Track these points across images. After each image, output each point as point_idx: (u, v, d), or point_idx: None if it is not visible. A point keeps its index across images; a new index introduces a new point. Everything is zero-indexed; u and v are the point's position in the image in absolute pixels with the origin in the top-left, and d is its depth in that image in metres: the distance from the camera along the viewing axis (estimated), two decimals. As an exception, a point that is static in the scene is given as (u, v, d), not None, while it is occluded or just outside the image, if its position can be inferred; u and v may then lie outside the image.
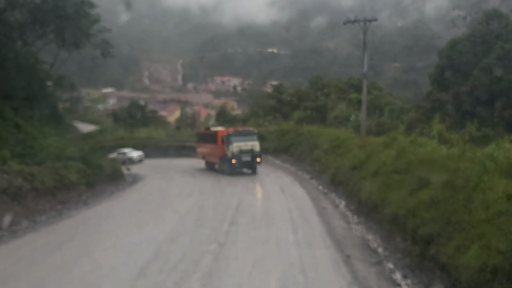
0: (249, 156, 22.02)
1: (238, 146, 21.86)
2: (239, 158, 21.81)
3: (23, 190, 11.99)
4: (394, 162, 13.04)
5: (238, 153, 21.78)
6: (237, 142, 22.08)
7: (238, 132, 23.14)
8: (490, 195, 7.15)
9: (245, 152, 22.01)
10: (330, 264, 7.55)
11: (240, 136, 22.67)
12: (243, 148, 21.94)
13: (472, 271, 5.78)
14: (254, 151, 22.18)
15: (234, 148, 21.80)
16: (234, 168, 22.02)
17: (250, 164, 22.26)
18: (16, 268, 7.18)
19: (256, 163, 22.39)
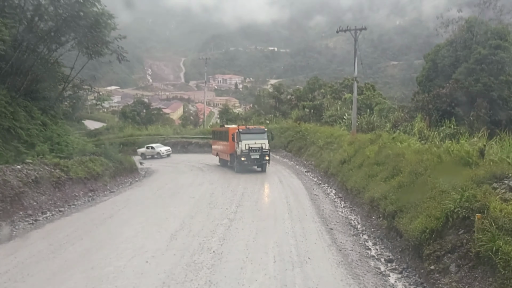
0: (258, 154, 21.94)
1: (247, 144, 21.79)
2: (248, 156, 21.82)
3: (62, 180, 14.08)
4: (375, 155, 15.10)
5: (247, 150, 21.75)
6: (246, 140, 22.02)
7: (248, 130, 23.18)
8: (439, 179, 9.19)
9: (254, 150, 21.95)
10: (315, 233, 9.64)
11: (250, 134, 22.69)
12: (252, 146, 21.86)
13: (417, 233, 7.85)
14: (263, 149, 22.07)
15: (243, 145, 21.76)
16: (243, 165, 22.01)
17: (259, 162, 22.22)
18: (78, 233, 9.26)
19: (265, 161, 22.29)
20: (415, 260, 7.77)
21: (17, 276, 6.57)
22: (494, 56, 22.71)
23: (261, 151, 21.99)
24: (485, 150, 10.00)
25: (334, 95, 33.06)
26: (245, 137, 22.22)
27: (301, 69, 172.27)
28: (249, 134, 22.52)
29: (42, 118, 21.59)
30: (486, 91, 22.10)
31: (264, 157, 22.14)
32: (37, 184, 12.50)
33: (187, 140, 37.17)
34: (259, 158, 22.03)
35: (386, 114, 24.17)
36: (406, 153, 13.06)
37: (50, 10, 19.01)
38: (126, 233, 9.17)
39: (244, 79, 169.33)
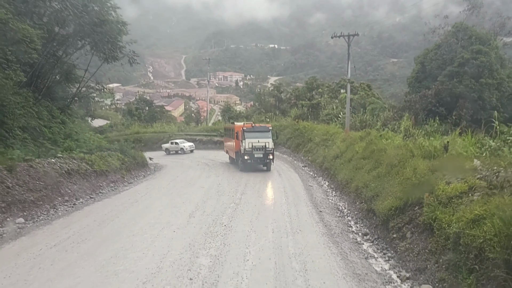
0: (262, 153, 21.83)
1: (250, 142, 21.78)
2: (251, 155, 21.73)
3: (88, 172, 16.22)
4: (363, 151, 17.18)
5: (250, 149, 21.69)
6: (250, 138, 22.01)
7: (252, 128, 22.98)
8: (407, 169, 11.30)
9: (258, 148, 21.82)
10: (307, 214, 11.78)
11: (254, 132, 22.56)
12: (255, 144, 21.78)
13: (386, 211, 9.98)
14: (266, 148, 21.91)
15: (246, 144, 21.77)
16: (246, 164, 21.96)
17: (262, 161, 22.03)
18: (113, 213, 11.39)
19: (268, 160, 22.08)
20: (383, 232, 9.90)
21: (78, 240, 8.71)
22: (475, 60, 24.79)
23: (264, 150, 21.86)
24: (448, 146, 12.09)
25: (331, 95, 35.16)
26: (249, 135, 22.21)
27: (302, 66, 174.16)
28: (253, 133, 22.44)
29: (61, 117, 23.77)
30: (467, 92, 24.20)
31: (267, 156, 21.97)
32: (69, 175, 14.65)
33: (191, 137, 39.26)
34: (262, 157, 21.88)
35: (378, 113, 26.24)
36: (388, 149, 15.15)
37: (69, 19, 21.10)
38: (152, 213, 11.32)
39: (245, 77, 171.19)
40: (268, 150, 21.99)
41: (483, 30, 27.94)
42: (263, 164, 22.42)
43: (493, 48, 26.03)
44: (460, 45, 25.93)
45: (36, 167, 13.22)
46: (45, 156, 15.80)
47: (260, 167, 22.46)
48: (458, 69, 24.89)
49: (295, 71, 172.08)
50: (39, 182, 12.71)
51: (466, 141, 13.07)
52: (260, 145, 21.86)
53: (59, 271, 6.92)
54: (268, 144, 22.05)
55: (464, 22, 28.09)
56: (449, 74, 25.03)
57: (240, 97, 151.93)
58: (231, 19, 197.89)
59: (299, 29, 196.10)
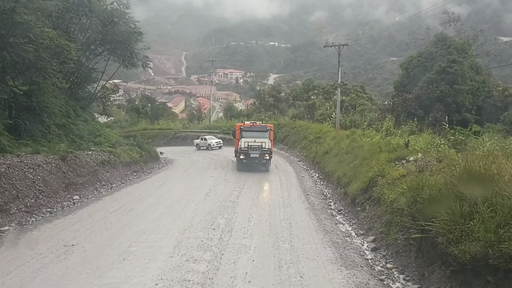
0: (258, 153, 21.78)
1: (246, 142, 21.92)
2: (247, 154, 21.80)
3: (116, 162, 19.64)
4: (347, 147, 20.65)
5: (246, 149, 21.77)
6: (246, 137, 22.18)
7: (249, 127, 23.20)
8: (375, 161, 14.73)
9: (254, 148, 21.81)
10: (297, 196, 15.23)
11: (251, 131, 22.68)
12: (251, 144, 21.81)
13: (354, 191, 13.43)
14: (262, 148, 21.84)
15: (242, 143, 21.96)
16: (242, 163, 22.11)
17: (259, 160, 21.96)
18: (145, 194, 14.79)
19: (265, 160, 21.95)
20: (352, 208, 13.35)
21: (127, 209, 12.15)
22: (450, 68, 28.14)
23: (261, 149, 21.81)
24: (408, 143, 15.52)
25: (326, 96, 38.53)
26: (246, 134, 22.41)
27: (301, 64, 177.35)
28: (250, 132, 22.66)
29: (84, 115, 27.13)
30: (443, 97, 27.59)
31: (264, 156, 21.89)
32: (103, 165, 18.07)
33: (196, 134, 42.66)
34: (258, 157, 21.86)
35: (366, 114, 29.67)
36: (365, 145, 18.62)
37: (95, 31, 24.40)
38: (176, 193, 14.79)
39: (245, 74, 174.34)
40: (264, 150, 21.90)
41: (460, 40, 31.30)
42: (262, 164, 22.27)
43: (470, 57, 29.43)
44: (439, 54, 29.32)
45: (79, 158, 16.65)
46: (81, 149, 19.21)
47: (258, 167, 22.23)
48: (435, 76, 28.31)
49: (295, 68, 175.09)
50: (83, 169, 16.14)
51: (424, 139, 16.50)
52: (257, 144, 21.83)
53: (124, 224, 10.37)
54: (265, 144, 22.00)
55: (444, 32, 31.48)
56: (428, 80, 28.46)
57: (240, 94, 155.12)
58: (231, 16, 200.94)
59: (299, 27, 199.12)
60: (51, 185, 13.26)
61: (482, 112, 29.57)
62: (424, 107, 27.11)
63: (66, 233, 9.36)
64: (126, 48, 25.67)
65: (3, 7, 15.92)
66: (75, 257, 7.72)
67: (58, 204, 12.58)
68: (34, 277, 6.74)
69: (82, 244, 8.51)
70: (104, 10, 23.58)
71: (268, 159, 22.18)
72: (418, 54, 31.58)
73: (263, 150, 21.92)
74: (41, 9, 18.11)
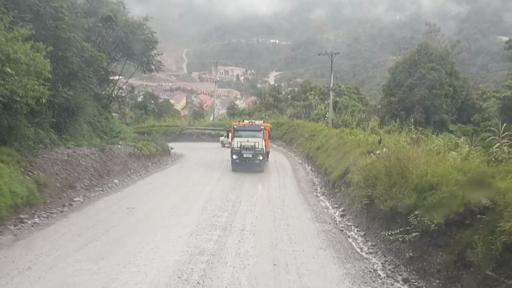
0: (251, 153, 21.66)
1: (239, 142, 21.85)
2: (240, 154, 21.73)
3: (139, 155, 23.66)
4: (335, 143, 24.65)
5: (239, 149, 21.72)
6: (239, 137, 22.14)
7: (243, 127, 23.32)
8: (352, 154, 18.75)
9: (247, 148, 21.70)
10: (290, 183, 19.29)
11: (244, 131, 22.69)
12: (244, 144, 21.68)
13: (334, 178, 17.49)
14: (256, 148, 21.67)
15: (235, 143, 22.01)
16: (235, 164, 22.09)
17: (252, 161, 21.82)
18: (170, 178, 18.77)
19: (258, 161, 21.82)
20: (332, 190, 17.37)
21: (160, 188, 16.23)
22: (429, 75, 32.11)
23: (254, 150, 21.63)
24: (381, 140, 19.51)
25: (321, 97, 42.53)
26: (239, 134, 22.42)
27: (302, 61, 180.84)
28: (243, 131, 22.63)
29: (105, 114, 31.16)
30: (422, 101, 31.59)
31: (257, 156, 21.71)
32: (130, 157, 22.09)
33: (201, 131, 46.69)
34: (251, 157, 21.70)
35: (355, 114, 33.71)
36: (349, 142, 22.65)
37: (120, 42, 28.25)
38: (193, 179, 18.85)
39: (246, 71, 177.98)
40: (257, 151, 21.73)
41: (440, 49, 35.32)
42: (256, 165, 22.06)
43: (448, 64, 33.40)
44: (422, 61, 33.32)
45: (113, 150, 20.68)
46: (110, 143, 23.23)
47: (253, 168, 22.01)
48: (417, 81, 32.30)
49: (295, 66, 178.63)
50: (117, 159, 20.17)
51: (394, 137, 20.52)
52: (250, 144, 21.66)
53: (162, 198, 14.43)
54: (258, 144, 21.80)
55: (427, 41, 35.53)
56: (410, 85, 32.46)
57: (241, 92, 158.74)
58: (232, 13, 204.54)
59: (300, 25, 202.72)
60: (97, 170, 17.30)
61: (462, 113, 33.63)
62: (406, 109, 31.17)
63: (123, 202, 13.39)
64: (143, 55, 29.71)
65: (49, 25, 19.89)
66: (138, 213, 11.77)
67: (105, 185, 16.58)
68: (116, 225, 10.71)
69: (139, 207, 12.55)
70: (126, 22, 27.53)
71: (261, 160, 21.96)
72: (404, 60, 35.63)
73: (257, 150, 21.67)
74: (79, 25, 22.12)
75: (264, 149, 22.38)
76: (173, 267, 7.39)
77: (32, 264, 7.42)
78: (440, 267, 7.28)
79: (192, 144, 42.28)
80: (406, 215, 9.20)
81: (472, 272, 6.44)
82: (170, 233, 9.69)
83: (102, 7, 26.28)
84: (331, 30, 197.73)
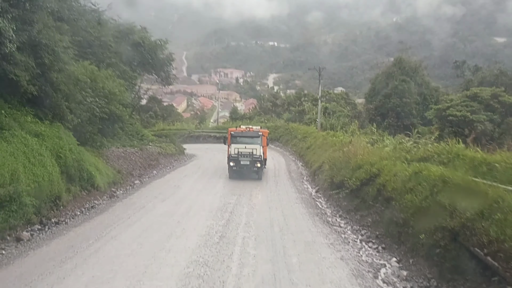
0: (248, 160, 21.78)
1: (236, 148, 21.95)
2: (237, 161, 21.90)
3: (165, 153, 30.67)
4: (320, 143, 31.69)
5: (236, 155, 21.86)
6: (236, 143, 22.30)
7: (240, 133, 23.39)
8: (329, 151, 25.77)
9: (244, 155, 21.81)
10: (284, 174, 26.31)
11: (241, 137, 22.80)
12: (242, 150, 21.82)
13: (314, 168, 24.53)
14: (254, 155, 21.80)
15: (232, 149, 22.12)
16: (232, 171, 22.34)
17: (249, 168, 21.96)
18: (193, 170, 25.67)
19: (256, 168, 21.95)
20: (313, 177, 24.37)
21: (190, 175, 23.22)
22: (400, 86, 39.14)
23: (251, 156, 21.76)
24: (352, 140, 26.47)
25: (313, 103, 49.60)
26: (236, 140, 22.59)
27: (300, 64, 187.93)
28: (241, 138, 22.78)
29: (131, 120, 38.13)
30: (395, 108, 38.62)
31: (255, 163, 21.84)
32: (159, 154, 29.08)
33: (207, 134, 53.65)
34: (249, 164, 21.83)
35: (341, 119, 40.79)
36: (330, 142, 29.69)
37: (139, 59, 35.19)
38: (210, 172, 25.81)
39: (245, 74, 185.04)
40: (255, 157, 21.88)
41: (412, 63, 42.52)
42: (254, 172, 22.33)
43: (419, 76, 40.52)
44: (397, 73, 40.46)
45: (148, 149, 27.68)
46: (142, 145, 30.19)
47: (251, 176, 22.46)
48: (390, 91, 39.41)
49: (294, 68, 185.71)
50: (152, 156, 27.16)
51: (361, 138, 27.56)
52: (247, 151, 21.81)
53: (193, 182, 21.43)
54: (256, 151, 21.93)
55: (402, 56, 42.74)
56: (385, 94, 39.56)
57: (240, 94, 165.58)
58: (231, 16, 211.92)
59: (298, 27, 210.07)
60: (142, 164, 24.30)
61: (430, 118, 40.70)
62: (382, 115, 38.21)
63: (169, 183, 20.37)
64: (162, 70, 36.77)
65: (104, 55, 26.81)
66: (183, 189, 18.77)
67: (148, 174, 23.50)
68: (173, 193, 17.66)
69: (181, 186, 19.54)
70: (150, 45, 34.51)
71: (259, 167, 22.16)
72: (382, 73, 42.78)
73: (254, 157, 21.88)
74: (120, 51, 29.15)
75: (262, 156, 22.44)
76: (217, 205, 14.44)
77: (136, 211, 14.36)
78: (356, 207, 14.27)
79: (200, 145, 49.16)
80: (343, 182, 16.24)
81: (365, 205, 13.45)
82: (209, 196, 16.92)
83: (132, 34, 33.31)
84: (328, 32, 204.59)
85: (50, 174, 11.76)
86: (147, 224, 12.04)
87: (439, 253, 7.75)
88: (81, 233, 10.84)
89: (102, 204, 14.76)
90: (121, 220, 12.51)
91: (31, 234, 10.21)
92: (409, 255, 8.90)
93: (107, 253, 9.25)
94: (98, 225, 11.72)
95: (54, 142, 13.09)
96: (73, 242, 9.98)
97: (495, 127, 27.62)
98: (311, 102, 50.55)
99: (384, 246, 10.29)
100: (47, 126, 13.66)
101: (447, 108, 30.43)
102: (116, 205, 14.84)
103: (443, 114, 30.19)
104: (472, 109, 28.83)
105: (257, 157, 21.90)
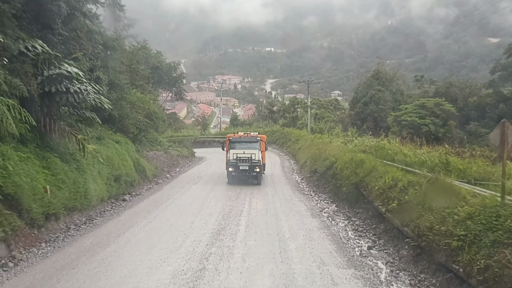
0: (247, 165, 22.32)
1: (235, 154, 22.59)
2: (236, 167, 22.49)
3: (181, 156, 38.68)
4: (309, 144, 39.75)
5: (235, 161, 22.49)
6: (235, 149, 22.95)
7: (238, 139, 24.20)
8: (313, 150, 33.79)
9: (243, 160, 22.35)
10: (278, 169, 34.33)
11: (239, 143, 23.54)
12: (240, 156, 22.38)
13: (301, 164, 32.60)
14: (252, 160, 22.28)
15: (231, 155, 22.85)
16: (231, 176, 23.03)
17: (248, 173, 22.51)
18: (206, 167, 33.58)
19: (255, 173, 22.45)
20: (300, 170, 32.36)
21: (204, 172, 31.24)
22: (377, 95, 47.15)
23: (250, 161, 22.33)
24: (331, 141, 34.41)
25: (306, 110, 57.67)
26: (235, 145, 23.31)
27: (297, 68, 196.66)
28: (239, 143, 23.52)
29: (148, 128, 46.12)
30: (372, 113, 46.63)
31: (254, 168, 22.39)
32: (178, 156, 37.10)
33: (211, 139, 61.66)
34: (248, 169, 22.40)
35: (328, 123, 48.89)
36: (315, 143, 37.71)
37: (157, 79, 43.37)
38: (220, 170, 33.81)
39: (243, 79, 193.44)
40: (254, 162, 22.46)
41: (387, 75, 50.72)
42: (253, 177, 22.98)
43: (394, 85, 48.59)
44: (375, 83, 48.54)
45: (170, 152, 35.70)
46: (163, 149, 38.16)
47: (250, 181, 23.31)
48: (368, 99, 47.46)
49: (291, 73, 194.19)
50: (173, 158, 35.16)
51: (340, 139, 35.65)
52: (246, 156, 22.41)
53: (210, 173, 29.43)
54: (255, 156, 22.53)
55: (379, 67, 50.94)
56: (364, 102, 47.60)
57: (239, 99, 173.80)
58: (227, 23, 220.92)
59: (294, 32, 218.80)
60: (167, 163, 32.29)
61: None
62: (362, 119, 46.24)
63: (192, 176, 28.32)
64: (174, 86, 44.88)
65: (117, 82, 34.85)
66: (204, 178, 26.78)
67: (173, 171, 31.46)
68: (197, 182, 25.60)
69: (202, 177, 27.53)
70: (166, 66, 42.63)
71: (258, 172, 22.73)
72: (363, 83, 50.93)
73: (253, 162, 22.47)
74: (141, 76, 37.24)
75: (261, 160, 23.21)
76: (231, 185, 22.44)
77: (179, 189, 22.28)
78: (325, 187, 22.22)
79: (207, 149, 56.97)
80: (316, 169, 24.25)
81: (326, 181, 21.46)
82: (224, 180, 24.88)
83: (149, 58, 41.48)
84: (324, 36, 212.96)
85: (130, 166, 19.84)
86: (192, 194, 20.24)
87: (349, 195, 15.84)
88: (155, 199, 18.94)
89: (154, 188, 22.77)
90: (175, 192, 20.68)
91: (129, 198, 18.30)
92: (340, 201, 17.00)
93: (175, 205, 17.41)
94: (162, 195, 19.91)
95: (126, 147, 21.15)
96: (153, 202, 18.05)
97: (438, 129, 35.81)
98: (303, 109, 58.64)
99: (332, 201, 18.33)
100: (120, 136, 21.73)
101: (402, 114, 38.84)
102: (164, 188, 22.85)
103: (399, 119, 38.56)
104: (420, 115, 37.43)
105: (255, 162, 22.68)
